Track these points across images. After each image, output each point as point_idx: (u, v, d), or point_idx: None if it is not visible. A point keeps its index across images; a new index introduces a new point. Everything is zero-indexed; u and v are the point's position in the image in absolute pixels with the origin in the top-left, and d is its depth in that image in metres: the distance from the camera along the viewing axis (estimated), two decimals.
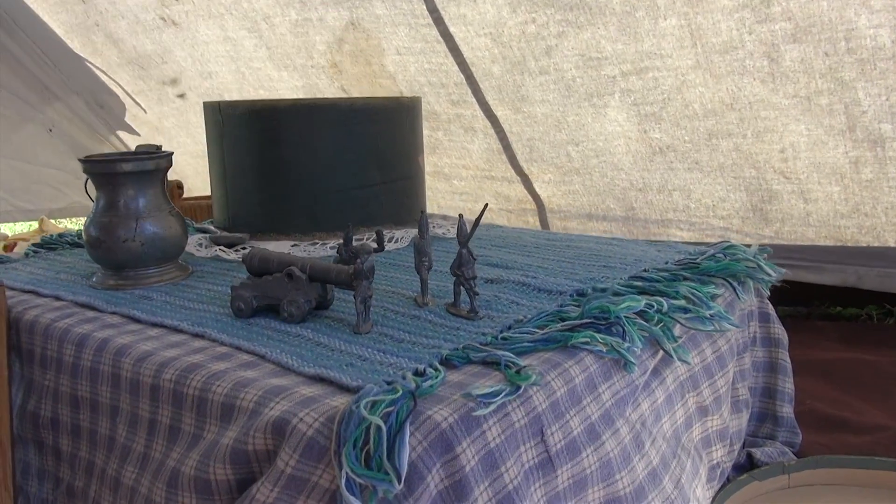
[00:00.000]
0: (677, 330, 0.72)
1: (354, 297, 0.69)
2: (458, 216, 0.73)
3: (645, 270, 0.88)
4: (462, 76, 1.77)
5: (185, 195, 1.73)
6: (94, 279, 0.87)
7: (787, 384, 0.98)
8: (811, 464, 0.90)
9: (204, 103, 1.09)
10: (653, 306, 0.71)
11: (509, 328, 0.69)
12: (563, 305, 0.75)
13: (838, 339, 1.59)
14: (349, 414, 0.51)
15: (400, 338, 0.67)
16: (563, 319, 0.69)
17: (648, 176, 1.86)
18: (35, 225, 2.36)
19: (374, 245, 0.80)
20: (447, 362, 0.62)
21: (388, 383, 0.56)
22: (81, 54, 2.24)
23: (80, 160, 0.83)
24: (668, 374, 0.73)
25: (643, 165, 1.83)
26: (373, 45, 1.79)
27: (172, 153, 0.87)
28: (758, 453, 0.92)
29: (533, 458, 0.57)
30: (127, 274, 0.85)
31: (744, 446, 0.95)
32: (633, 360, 0.64)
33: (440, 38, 1.69)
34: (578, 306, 0.74)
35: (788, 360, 0.98)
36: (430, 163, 2.09)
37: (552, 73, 1.69)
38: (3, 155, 2.37)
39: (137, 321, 0.74)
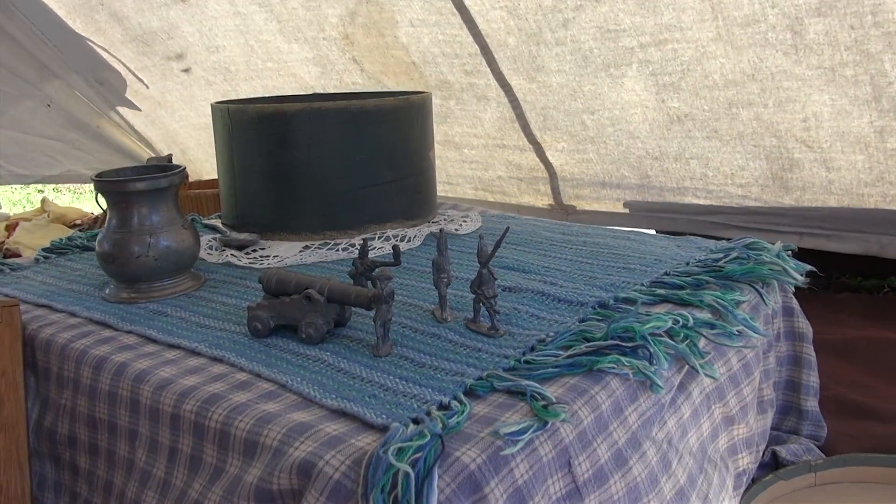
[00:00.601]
0: (703, 343, 0.72)
1: (374, 321, 0.68)
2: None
3: (666, 274, 0.87)
4: (476, 47, 1.73)
5: (190, 178, 1.72)
6: (106, 291, 0.87)
7: (812, 378, 0.97)
8: (838, 462, 0.90)
9: (212, 105, 1.08)
10: (679, 322, 0.70)
11: (532, 349, 0.68)
12: (584, 319, 0.74)
13: (860, 313, 1.57)
14: (376, 460, 0.51)
15: (421, 361, 0.67)
16: (586, 339, 0.68)
17: (665, 144, 1.82)
18: (36, 204, 2.36)
19: (391, 256, 0.79)
20: (471, 391, 0.61)
21: (415, 422, 0.56)
22: (83, 34, 2.21)
23: (91, 178, 0.82)
24: (693, 387, 0.73)
25: (660, 134, 1.80)
26: (386, 17, 1.75)
27: (184, 168, 0.86)
28: (783, 452, 0.92)
29: (560, 489, 0.57)
30: (140, 287, 0.85)
31: (767, 444, 0.95)
32: (659, 382, 0.64)
33: (455, 10, 1.65)
34: (601, 319, 0.73)
35: (813, 353, 0.97)
36: (441, 132, 2.06)
37: (569, 44, 1.65)
38: (1, 126, 2.36)
39: (154, 342, 0.74)
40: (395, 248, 0.77)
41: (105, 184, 0.82)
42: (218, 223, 1.17)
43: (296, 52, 2.01)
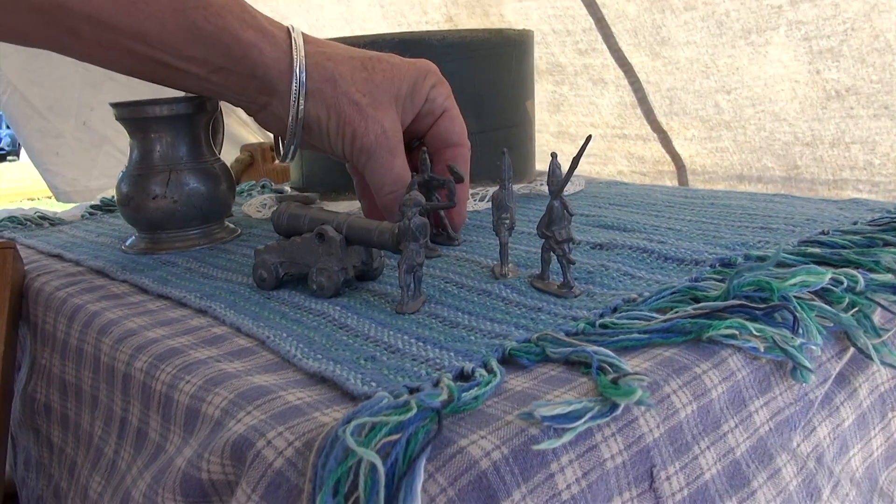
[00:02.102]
0: (879, 316, 0.47)
1: (399, 266, 0.49)
2: (551, 155, 0.51)
3: (823, 233, 0.62)
4: (591, 20, 1.51)
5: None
6: (128, 242, 0.73)
7: None
8: None
9: None
10: (841, 283, 0.46)
11: (614, 311, 0.46)
12: (698, 280, 0.51)
13: None
14: (332, 442, 0.31)
15: (455, 320, 0.47)
16: (697, 301, 0.46)
17: (819, 127, 1.51)
18: None
19: (447, 178, 0.60)
20: (511, 359, 0.41)
21: (412, 391, 0.37)
22: None
23: (110, 104, 0.69)
24: (861, 383, 0.48)
25: (813, 114, 1.50)
26: None
27: (213, 100, 0.71)
28: None
29: None
30: (160, 236, 0.70)
31: None
32: (807, 363, 0.40)
33: None
34: (723, 282, 0.50)
35: None
36: (555, 122, 1.85)
37: (700, 7, 1.39)
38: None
39: (145, 292, 0.59)
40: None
41: (122, 109, 0.68)
42: (285, 186, 1.03)
43: None
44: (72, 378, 0.55)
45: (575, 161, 0.47)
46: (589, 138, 0.47)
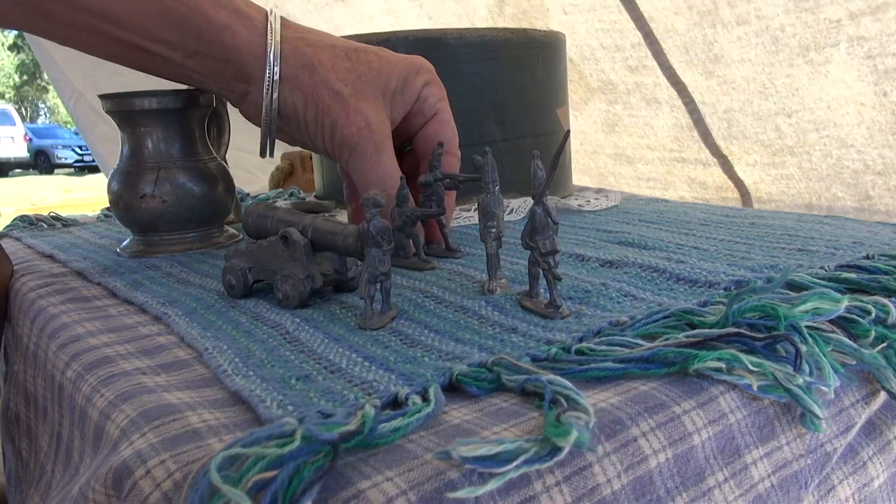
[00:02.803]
0: None
1: (360, 276, 0.43)
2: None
3: (867, 257, 0.53)
4: (640, 34, 1.43)
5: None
6: (123, 244, 0.70)
7: None
8: None
9: None
10: (869, 312, 0.38)
11: (597, 334, 0.39)
12: (706, 303, 0.43)
13: None
14: (201, 478, 0.26)
15: (417, 339, 0.41)
16: (693, 327, 0.38)
17: (891, 154, 1.39)
18: None
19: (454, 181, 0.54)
20: (458, 386, 0.34)
21: (326, 416, 0.31)
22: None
23: (98, 96, 0.66)
24: (893, 434, 0.39)
25: (883, 140, 1.38)
26: (536, 4, 1.52)
27: (210, 94, 0.68)
28: None
29: None
30: (153, 238, 0.67)
31: None
32: (816, 408, 0.32)
33: None
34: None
35: None
36: (611, 143, 1.77)
37: (753, 22, 1.30)
38: None
39: (114, 296, 0.55)
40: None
41: (110, 101, 0.65)
42: (311, 196, 1.00)
43: None
44: (31, 386, 0.51)
45: (554, 161, 0.41)
46: (567, 134, 0.41)
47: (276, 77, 0.52)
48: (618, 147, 1.76)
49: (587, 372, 0.34)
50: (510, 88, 0.84)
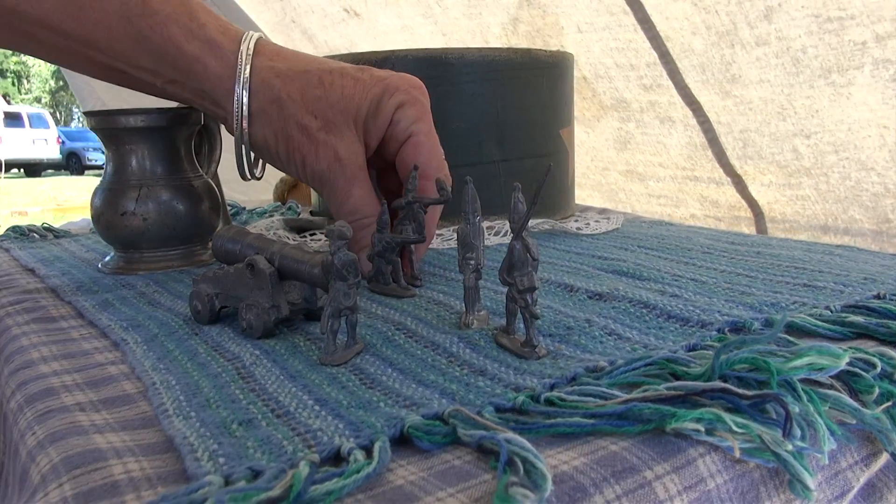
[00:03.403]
0: None
1: (324, 310, 0.40)
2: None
3: (878, 296, 0.49)
4: (655, 54, 1.40)
5: None
6: (105, 259, 0.68)
7: None
8: None
9: None
10: (874, 366, 0.34)
11: (572, 381, 0.36)
12: (695, 347, 0.40)
13: None
14: None
15: (378, 379, 0.37)
16: (676, 376, 0.35)
17: None
18: None
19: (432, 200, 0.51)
20: (408, 440, 0.31)
21: (255, 475, 0.28)
22: None
23: (84, 112, 0.64)
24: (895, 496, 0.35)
25: None
26: (550, 22, 1.49)
27: (196, 111, 0.65)
28: None
29: None
30: (134, 255, 0.64)
31: None
32: (808, 477, 0.28)
33: (627, 7, 1.34)
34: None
35: None
36: (622, 160, 1.73)
37: (773, 43, 1.26)
38: (224, 148, 2.40)
39: (81, 317, 0.53)
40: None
41: (95, 119, 0.63)
42: (306, 212, 0.97)
43: None
44: None
45: (534, 197, 0.37)
46: (549, 169, 0.38)
47: (246, 112, 0.50)
48: (629, 164, 1.72)
49: (553, 427, 0.31)
50: (512, 109, 0.81)
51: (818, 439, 0.30)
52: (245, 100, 0.49)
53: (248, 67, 0.49)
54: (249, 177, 0.54)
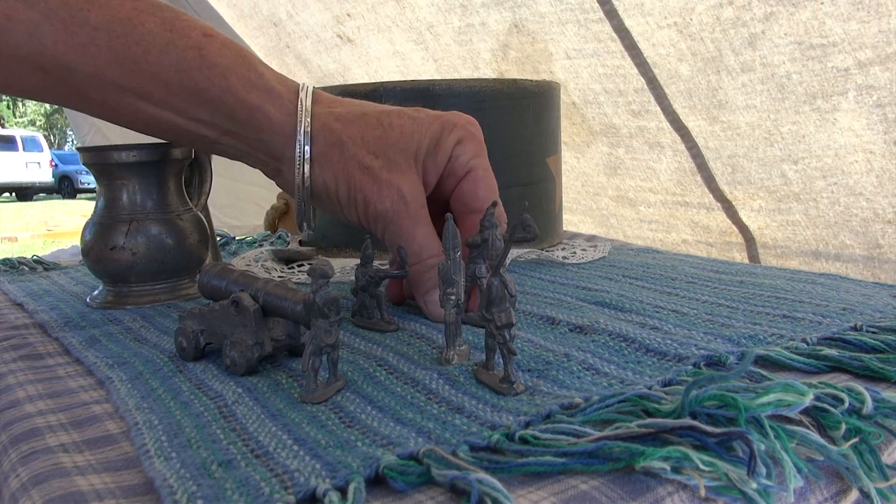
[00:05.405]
0: (890, 454, 0.35)
1: (305, 347, 0.41)
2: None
3: (855, 328, 0.50)
4: (643, 80, 1.42)
5: None
6: (94, 293, 0.68)
7: None
8: None
9: None
10: (841, 401, 0.35)
11: (547, 418, 0.37)
12: (670, 382, 0.41)
13: None
14: None
15: (357, 417, 0.38)
16: (648, 413, 0.36)
17: None
18: None
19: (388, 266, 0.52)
20: (382, 480, 0.32)
21: None
22: None
23: (77, 148, 0.66)
24: None
25: (893, 189, 1.34)
26: (539, 49, 1.51)
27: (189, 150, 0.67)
28: None
29: None
30: (121, 290, 0.65)
31: None
32: None
33: (614, 34, 1.37)
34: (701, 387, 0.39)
35: None
36: (613, 185, 1.75)
37: (758, 69, 1.28)
38: (215, 173, 2.40)
39: (68, 353, 0.53)
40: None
41: (87, 154, 0.64)
42: (288, 238, 0.98)
43: None
44: None
45: (510, 235, 0.39)
46: (525, 206, 0.39)
47: (307, 156, 0.50)
48: (620, 189, 1.73)
49: (525, 466, 0.31)
50: (499, 138, 0.82)
51: (785, 476, 0.31)
52: (307, 146, 0.50)
53: (310, 113, 0.50)
54: (307, 228, 0.55)
